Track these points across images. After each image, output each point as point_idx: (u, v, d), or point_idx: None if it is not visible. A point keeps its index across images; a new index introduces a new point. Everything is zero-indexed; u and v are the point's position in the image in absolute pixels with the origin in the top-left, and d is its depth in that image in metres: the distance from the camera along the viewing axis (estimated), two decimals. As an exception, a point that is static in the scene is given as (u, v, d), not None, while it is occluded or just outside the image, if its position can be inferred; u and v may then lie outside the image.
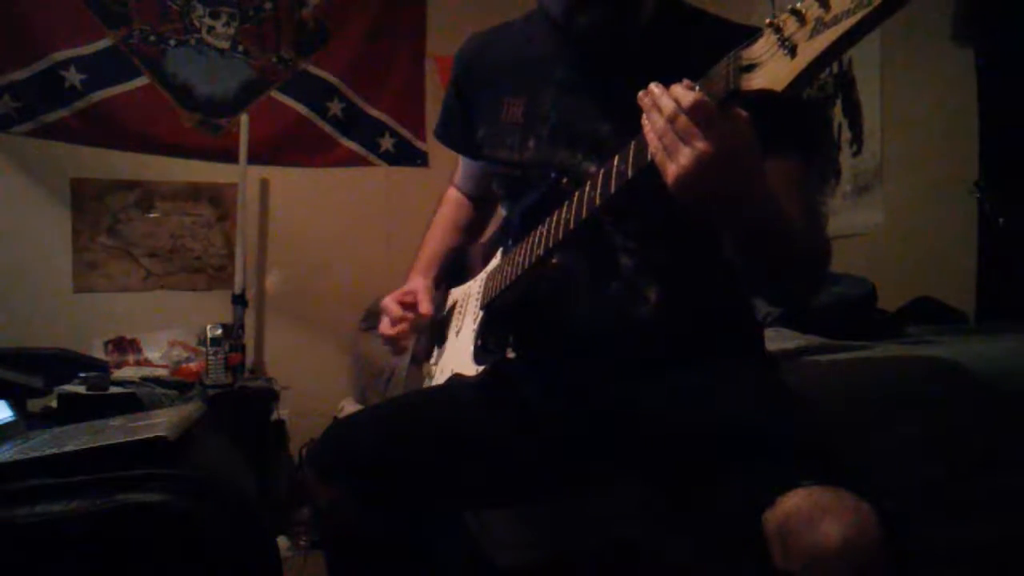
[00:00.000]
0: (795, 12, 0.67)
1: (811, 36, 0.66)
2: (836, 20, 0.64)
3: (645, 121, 0.82)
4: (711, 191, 0.79)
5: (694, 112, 0.76)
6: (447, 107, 1.34)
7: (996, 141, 2.09)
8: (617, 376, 1.08)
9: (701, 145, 0.76)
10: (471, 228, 1.43)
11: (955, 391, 1.33)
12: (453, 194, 1.44)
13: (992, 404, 1.31)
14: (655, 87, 0.81)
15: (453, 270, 1.35)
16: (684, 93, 0.78)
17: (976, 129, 2.13)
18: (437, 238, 1.41)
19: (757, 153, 0.80)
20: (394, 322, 1.25)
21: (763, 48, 0.71)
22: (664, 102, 0.79)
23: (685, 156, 0.77)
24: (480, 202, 1.43)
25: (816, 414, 0.98)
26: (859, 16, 0.62)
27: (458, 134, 1.32)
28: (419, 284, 1.29)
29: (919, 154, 2.36)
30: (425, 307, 1.25)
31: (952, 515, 1.22)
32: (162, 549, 0.98)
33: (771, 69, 0.70)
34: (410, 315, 1.25)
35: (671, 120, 0.78)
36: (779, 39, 0.69)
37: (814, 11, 0.66)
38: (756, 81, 0.71)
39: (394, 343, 1.26)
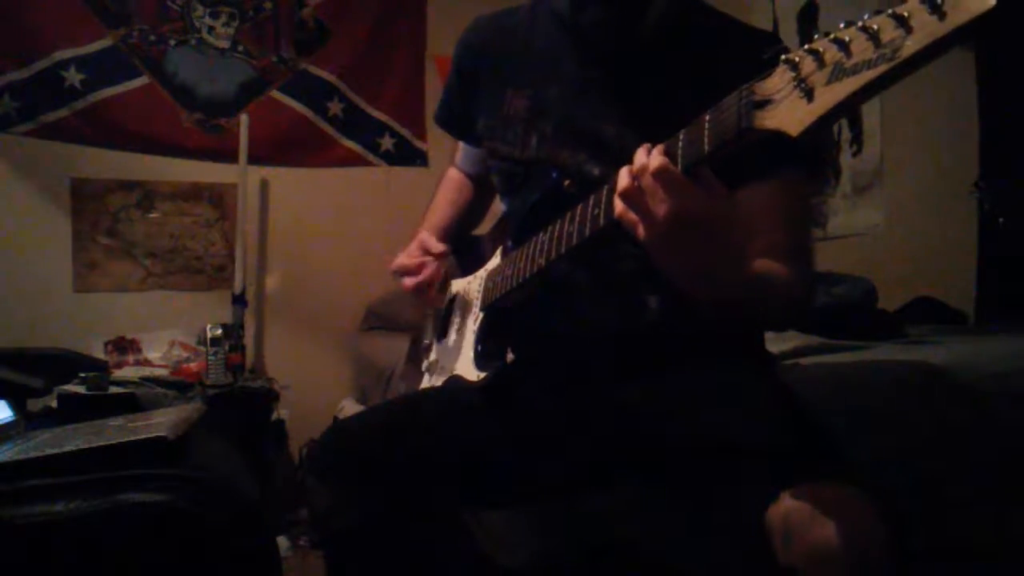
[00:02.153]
0: (813, 52, 0.63)
1: (829, 81, 0.62)
2: (856, 69, 0.59)
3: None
4: (672, 257, 0.81)
5: (657, 176, 0.77)
6: (449, 91, 1.31)
7: (996, 141, 2.09)
8: (618, 380, 1.08)
9: (661, 208, 0.77)
10: (472, 208, 1.40)
11: (955, 391, 1.33)
12: (454, 174, 1.41)
13: (991, 404, 1.31)
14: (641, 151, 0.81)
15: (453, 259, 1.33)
16: (654, 156, 0.78)
17: (976, 129, 2.13)
18: (437, 215, 1.37)
19: (723, 224, 0.80)
20: (414, 271, 1.22)
21: (778, 85, 0.66)
22: (635, 159, 0.80)
23: (650, 215, 0.78)
24: (482, 183, 1.39)
25: (816, 415, 0.98)
26: (880, 70, 0.58)
27: (459, 119, 1.29)
28: (419, 236, 1.26)
29: (919, 154, 2.36)
30: (436, 247, 1.22)
31: (951, 516, 1.22)
32: (162, 549, 0.98)
33: (785, 110, 0.65)
34: (428, 258, 1.22)
35: (636, 178, 0.79)
36: (795, 78, 0.64)
37: (833, 54, 0.61)
38: (769, 121, 0.67)
39: (425, 289, 1.23)
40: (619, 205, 0.81)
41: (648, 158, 0.78)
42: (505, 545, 1.40)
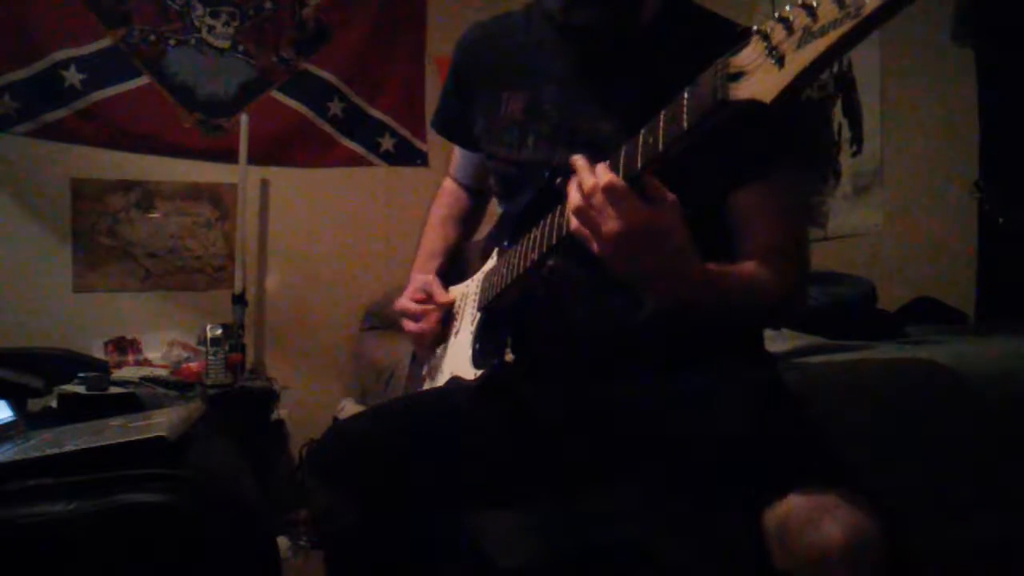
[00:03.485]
0: (783, 20, 0.65)
1: (799, 46, 0.64)
2: (823, 31, 0.62)
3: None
4: (629, 267, 0.85)
5: (606, 192, 0.81)
6: (446, 96, 1.32)
7: (996, 141, 2.09)
8: (616, 378, 1.08)
9: (612, 224, 0.81)
10: (468, 220, 1.42)
11: (955, 391, 1.33)
12: (449, 186, 1.43)
13: (991, 404, 1.31)
14: (580, 161, 0.85)
15: (450, 269, 1.34)
16: (601, 172, 0.82)
17: (976, 129, 2.13)
18: (435, 234, 1.40)
19: (675, 234, 0.84)
20: (418, 318, 1.25)
21: (751, 56, 0.68)
22: (584, 178, 0.83)
23: (602, 232, 0.82)
24: (477, 193, 1.41)
25: (815, 415, 0.98)
26: (846, 27, 0.60)
27: (457, 125, 1.30)
28: (425, 278, 1.28)
29: (919, 154, 2.36)
30: (441, 295, 1.24)
31: (951, 516, 1.22)
32: (162, 549, 0.98)
33: (759, 79, 0.67)
34: (431, 306, 1.25)
35: (588, 196, 0.82)
36: (767, 47, 0.66)
37: (801, 20, 0.63)
38: (743, 91, 0.69)
39: (424, 339, 1.26)
40: (573, 221, 0.86)
41: (596, 175, 0.82)
42: (505, 545, 1.40)
